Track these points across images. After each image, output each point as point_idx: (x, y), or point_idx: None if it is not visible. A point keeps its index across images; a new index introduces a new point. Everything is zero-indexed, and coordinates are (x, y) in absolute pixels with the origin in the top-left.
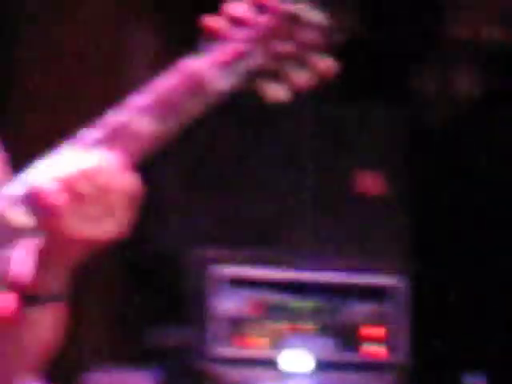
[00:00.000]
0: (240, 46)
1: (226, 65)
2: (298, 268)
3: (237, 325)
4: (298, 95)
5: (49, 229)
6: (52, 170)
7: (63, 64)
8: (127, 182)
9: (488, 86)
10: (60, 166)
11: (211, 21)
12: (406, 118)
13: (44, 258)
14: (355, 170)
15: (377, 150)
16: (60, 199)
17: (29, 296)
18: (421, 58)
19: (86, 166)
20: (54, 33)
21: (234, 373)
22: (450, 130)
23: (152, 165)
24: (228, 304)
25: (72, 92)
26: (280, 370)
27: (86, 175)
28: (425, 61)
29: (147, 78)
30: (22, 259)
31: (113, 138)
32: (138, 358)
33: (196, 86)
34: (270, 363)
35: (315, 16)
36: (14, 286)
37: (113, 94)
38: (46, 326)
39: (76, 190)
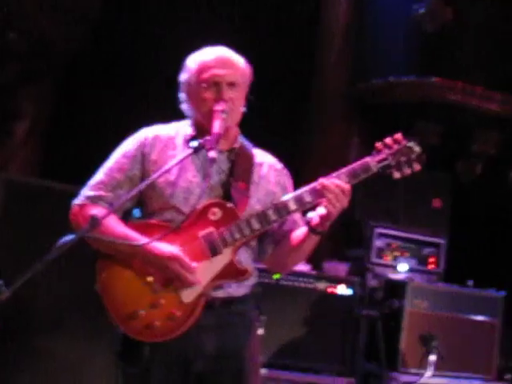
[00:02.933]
0: (386, 155)
1: (381, 162)
2: None
3: None
4: None
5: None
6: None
7: None
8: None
9: None
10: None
11: (379, 143)
12: None
13: (324, 217)
14: None
15: None
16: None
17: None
18: None
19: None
20: None
21: None
22: None
23: None
24: None
25: None
26: None
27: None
28: None
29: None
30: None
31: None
32: None
33: (366, 167)
34: None
35: (416, 147)
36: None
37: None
38: (312, 243)
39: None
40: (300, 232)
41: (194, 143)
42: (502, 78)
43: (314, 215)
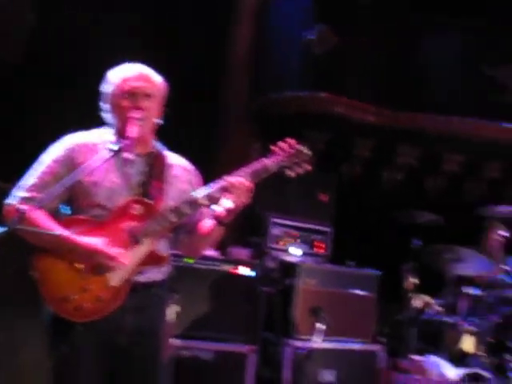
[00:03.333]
0: (282, 157)
1: (277, 163)
2: None
3: None
4: None
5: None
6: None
7: None
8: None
9: None
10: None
11: (275, 146)
12: None
13: (230, 211)
14: None
15: None
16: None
17: (221, 222)
18: None
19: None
20: None
21: None
22: None
23: None
24: None
25: None
26: None
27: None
28: None
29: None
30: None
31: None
32: None
33: (265, 167)
34: None
35: (306, 150)
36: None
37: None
38: (219, 233)
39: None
40: (208, 223)
41: (114, 147)
42: (376, 94)
43: (220, 208)
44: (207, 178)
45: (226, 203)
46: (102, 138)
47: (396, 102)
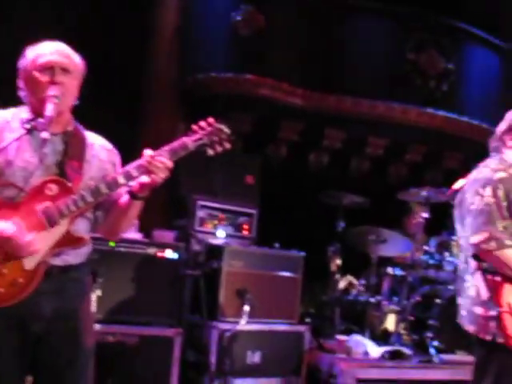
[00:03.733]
0: (201, 135)
1: (196, 141)
2: None
3: None
4: None
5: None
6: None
7: None
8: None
9: None
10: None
11: (195, 126)
12: None
13: (144, 185)
14: None
15: None
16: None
17: (136, 196)
18: None
19: None
20: None
21: None
22: None
23: None
24: None
25: None
26: None
27: None
28: None
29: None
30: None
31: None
32: None
33: (184, 145)
34: None
35: (225, 129)
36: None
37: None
38: (136, 209)
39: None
40: (124, 199)
41: (28, 125)
42: (304, 77)
43: (134, 183)
44: (132, 158)
45: (142, 177)
46: (16, 116)
47: (323, 86)
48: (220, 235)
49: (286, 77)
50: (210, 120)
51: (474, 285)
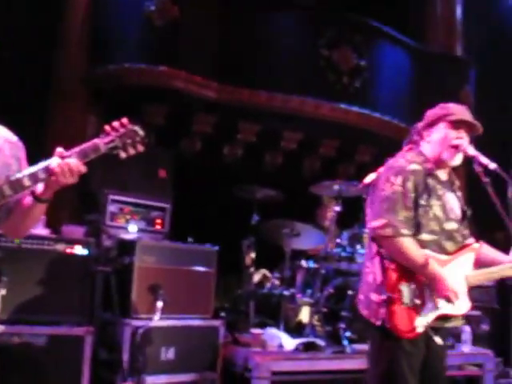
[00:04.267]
0: (113, 137)
1: (108, 144)
2: None
3: None
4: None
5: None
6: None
7: None
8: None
9: None
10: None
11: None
12: None
13: (50, 187)
14: None
15: None
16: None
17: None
18: None
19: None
20: None
21: None
22: None
23: None
24: None
25: None
26: None
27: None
28: None
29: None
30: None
31: None
32: None
33: (95, 147)
34: None
35: (139, 131)
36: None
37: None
38: (41, 210)
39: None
40: (28, 200)
41: None
42: (218, 70)
43: (40, 185)
44: (40, 153)
45: (49, 181)
46: None
47: (237, 79)
48: (132, 230)
49: (200, 69)
50: (124, 121)
51: (372, 271)
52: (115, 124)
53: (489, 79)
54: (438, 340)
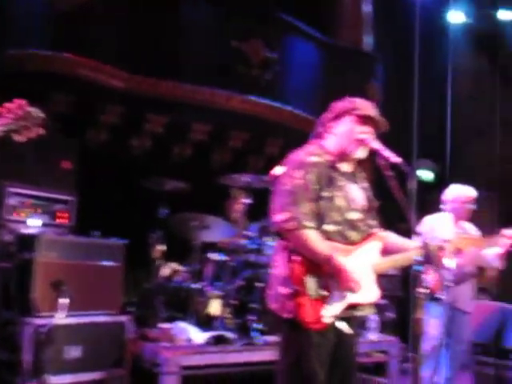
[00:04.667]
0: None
1: (3, 126)
2: None
3: None
4: None
5: None
6: None
7: None
8: None
9: None
10: None
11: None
12: None
13: None
14: None
15: None
16: None
17: None
18: None
19: None
20: None
21: None
22: None
23: None
24: None
25: None
26: None
27: None
28: None
29: None
30: None
31: None
32: None
33: None
34: None
35: (38, 113)
36: None
37: None
38: None
39: None
40: None
41: None
42: (127, 59)
43: None
44: None
45: None
46: None
47: (146, 69)
48: (33, 224)
49: (108, 58)
50: (20, 102)
51: (279, 264)
52: (11, 105)
53: (395, 74)
54: (346, 329)
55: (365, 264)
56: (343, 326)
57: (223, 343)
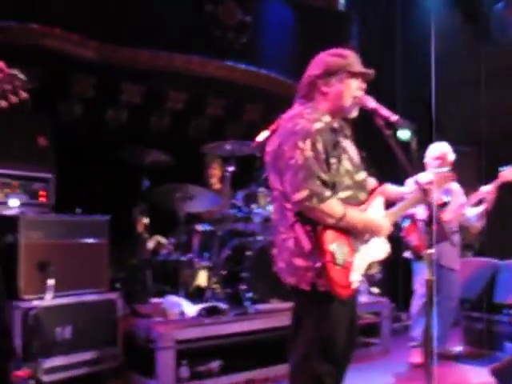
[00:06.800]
0: None
1: None
2: None
3: None
4: None
5: None
6: None
7: None
8: None
9: None
10: None
11: None
12: None
13: None
14: None
15: None
16: None
17: None
18: None
19: None
20: None
21: None
22: None
23: None
24: None
25: None
26: None
27: None
28: None
29: None
30: None
31: None
32: None
33: None
34: None
35: (20, 75)
36: None
37: None
38: None
39: None
40: None
41: None
42: (97, 27)
43: None
44: None
45: None
46: None
47: (118, 37)
48: (13, 204)
49: (77, 27)
50: (0, 65)
51: (292, 237)
52: None
53: (372, 34)
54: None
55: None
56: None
57: (216, 314)
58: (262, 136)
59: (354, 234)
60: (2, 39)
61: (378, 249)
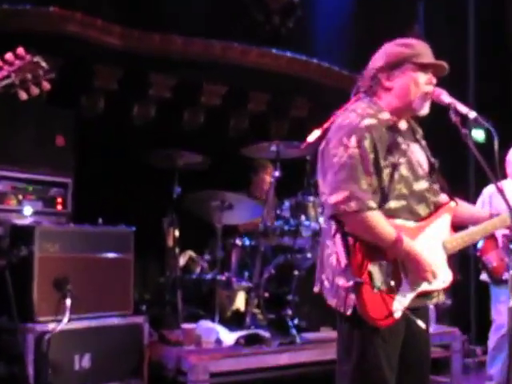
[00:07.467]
0: (8, 73)
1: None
2: None
3: None
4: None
5: None
6: None
7: None
8: None
9: None
10: None
11: None
12: None
13: None
14: None
15: None
16: None
17: None
18: None
19: None
20: None
21: None
22: None
23: None
24: None
25: None
26: None
27: None
28: None
29: None
30: None
31: None
32: None
33: None
34: None
35: (43, 63)
36: None
37: None
38: None
39: None
40: None
41: None
42: (122, 11)
43: None
44: None
45: None
46: None
47: (146, 22)
48: (27, 213)
49: (100, 11)
50: (20, 51)
51: (334, 251)
52: (8, 56)
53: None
54: (421, 324)
55: (436, 244)
56: (418, 320)
57: (257, 343)
58: (313, 136)
59: None
60: (16, 25)
61: (439, 276)
